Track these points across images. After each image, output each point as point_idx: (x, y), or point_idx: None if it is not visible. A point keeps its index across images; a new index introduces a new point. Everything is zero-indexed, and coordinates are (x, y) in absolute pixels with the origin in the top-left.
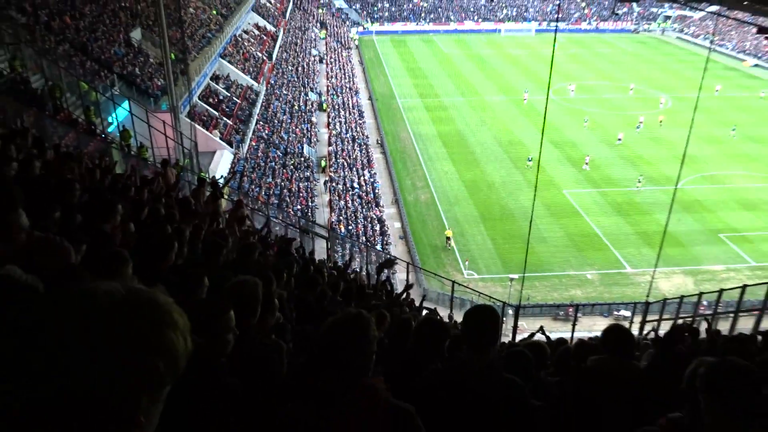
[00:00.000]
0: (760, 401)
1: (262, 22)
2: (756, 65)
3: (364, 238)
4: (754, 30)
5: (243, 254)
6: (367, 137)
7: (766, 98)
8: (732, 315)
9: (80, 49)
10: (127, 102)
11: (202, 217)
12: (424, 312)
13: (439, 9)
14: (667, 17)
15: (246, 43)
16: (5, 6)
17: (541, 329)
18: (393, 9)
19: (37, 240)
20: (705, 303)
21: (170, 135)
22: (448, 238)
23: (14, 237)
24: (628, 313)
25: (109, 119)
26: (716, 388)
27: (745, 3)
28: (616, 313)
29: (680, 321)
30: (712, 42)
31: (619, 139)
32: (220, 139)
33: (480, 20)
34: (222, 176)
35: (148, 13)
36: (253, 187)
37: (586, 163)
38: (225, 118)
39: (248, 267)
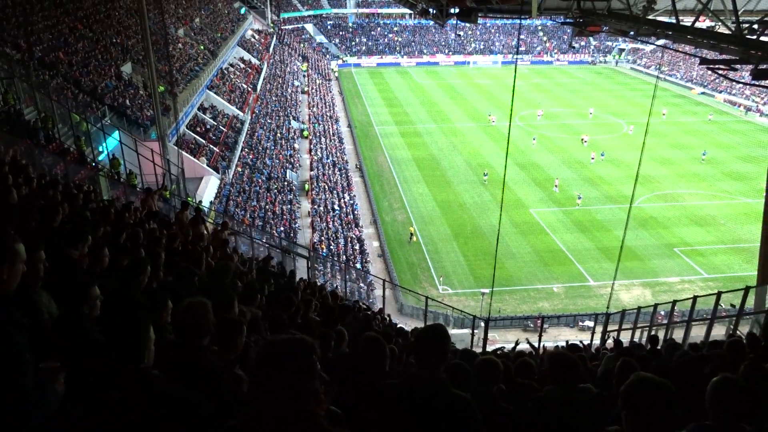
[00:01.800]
0: (673, 418)
1: (247, 56)
2: (702, 93)
3: (344, 257)
4: (699, 61)
5: (216, 276)
6: (347, 162)
7: (714, 121)
8: (685, 324)
9: (73, 82)
10: (117, 132)
11: (181, 239)
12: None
13: (413, 43)
14: (621, 50)
15: (232, 76)
16: (0, 43)
17: (528, 341)
18: (370, 43)
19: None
20: (662, 313)
21: (158, 162)
22: (411, 234)
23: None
24: (591, 324)
25: (100, 148)
26: (632, 405)
27: (689, 37)
28: (580, 323)
29: (638, 331)
30: (661, 72)
31: (592, 158)
32: (207, 165)
33: (450, 53)
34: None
35: (137, 48)
36: (239, 210)
37: (556, 186)
38: (212, 146)
39: (220, 289)
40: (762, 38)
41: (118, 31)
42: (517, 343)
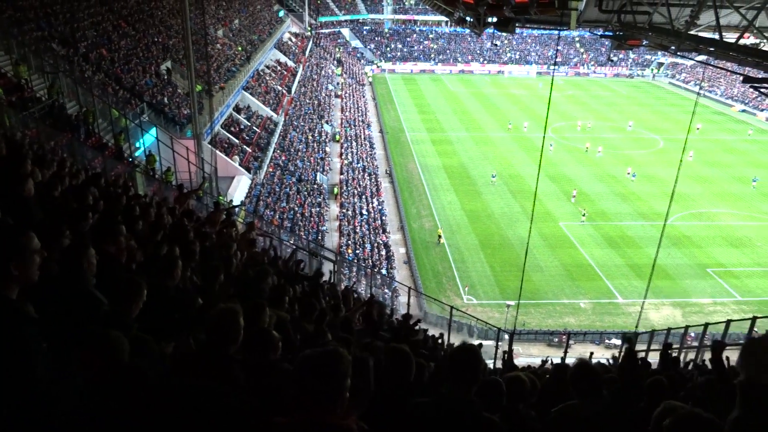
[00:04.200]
0: None
1: (283, 59)
2: (743, 110)
3: (370, 262)
4: (741, 78)
5: (252, 280)
6: (377, 167)
7: (754, 136)
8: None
9: (114, 78)
10: (154, 129)
11: (213, 239)
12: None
13: (448, 51)
14: (660, 64)
15: (267, 78)
16: (48, 38)
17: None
18: (405, 50)
19: None
20: (692, 335)
21: (193, 160)
22: (439, 236)
23: (30, 261)
24: (618, 342)
25: (137, 144)
26: None
27: (732, 54)
28: (607, 341)
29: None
30: (701, 88)
31: (628, 173)
32: (239, 165)
33: (485, 62)
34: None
35: (178, 48)
36: (268, 211)
37: (573, 196)
38: (244, 146)
39: (251, 292)
40: None
41: (160, 30)
42: (543, 363)
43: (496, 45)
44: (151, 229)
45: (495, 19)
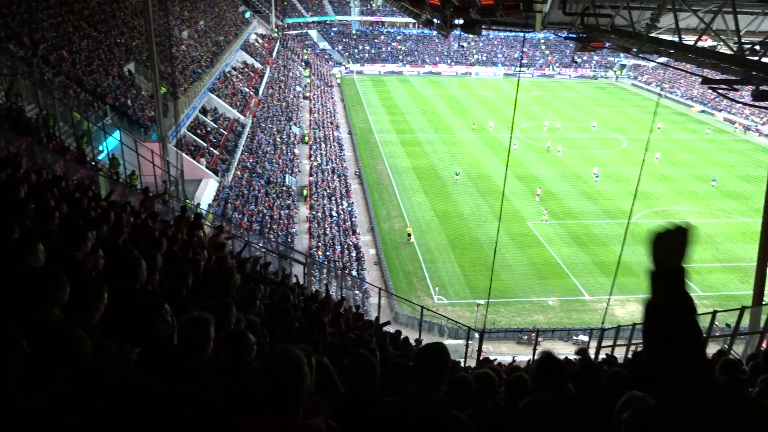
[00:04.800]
0: None
1: (250, 60)
2: (702, 111)
3: (340, 264)
4: (700, 80)
5: (217, 281)
6: (346, 169)
7: (711, 135)
8: None
9: (75, 81)
10: (118, 132)
11: (180, 243)
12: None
13: (416, 52)
14: (623, 66)
15: (234, 79)
16: (5, 39)
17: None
18: (373, 51)
19: None
20: None
21: (158, 164)
22: (409, 235)
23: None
24: (585, 338)
25: (100, 148)
26: None
27: (691, 56)
28: (575, 338)
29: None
30: (662, 89)
31: (594, 173)
32: (207, 168)
33: (453, 63)
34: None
35: (141, 49)
36: (237, 214)
37: (538, 195)
38: (212, 149)
39: (218, 294)
40: (763, 59)
41: (123, 31)
42: (513, 361)
43: (463, 47)
44: (113, 232)
45: (461, 21)
